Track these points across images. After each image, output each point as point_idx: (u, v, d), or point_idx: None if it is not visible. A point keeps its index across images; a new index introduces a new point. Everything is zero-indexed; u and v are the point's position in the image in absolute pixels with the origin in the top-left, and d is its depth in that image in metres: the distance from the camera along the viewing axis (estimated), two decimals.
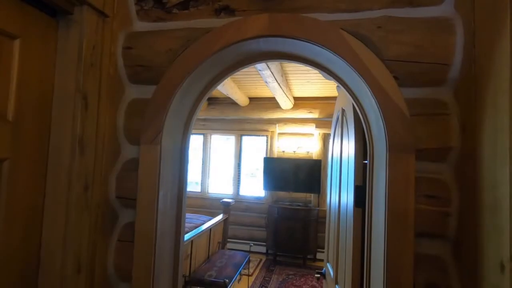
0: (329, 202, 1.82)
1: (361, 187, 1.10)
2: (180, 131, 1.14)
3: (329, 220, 1.77)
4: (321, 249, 4.40)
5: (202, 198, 5.00)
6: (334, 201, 1.58)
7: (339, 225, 1.40)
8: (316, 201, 4.48)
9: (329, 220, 1.78)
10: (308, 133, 4.63)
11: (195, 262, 2.84)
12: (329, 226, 1.77)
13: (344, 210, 1.28)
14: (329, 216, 1.78)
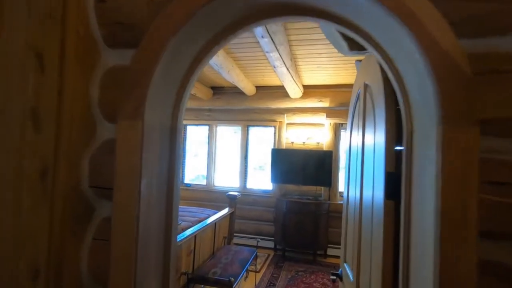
0: (346, 195, 1.60)
1: (393, 174, 0.88)
2: (169, 104, 0.93)
3: (347, 216, 1.56)
4: (332, 245, 4.19)
5: (207, 191, 4.84)
6: (354, 194, 1.37)
7: (361, 221, 1.19)
8: (326, 195, 4.26)
9: (346, 215, 1.57)
10: (318, 123, 4.39)
11: (199, 258, 2.67)
12: (347, 222, 1.56)
13: (368, 203, 1.07)
14: (346, 211, 1.57)
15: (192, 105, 4.96)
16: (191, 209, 3.48)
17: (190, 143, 5.23)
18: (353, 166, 1.43)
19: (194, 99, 4.88)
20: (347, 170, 1.57)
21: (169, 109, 0.93)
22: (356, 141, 1.38)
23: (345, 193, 1.62)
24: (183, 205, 4.85)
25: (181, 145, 1.01)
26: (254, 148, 4.95)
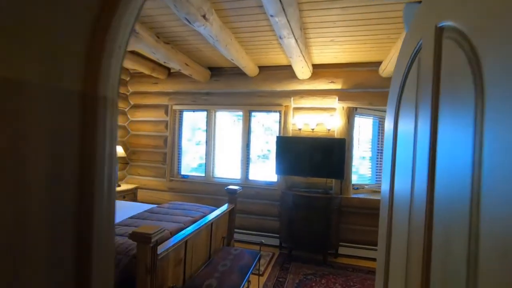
0: (387, 193, 1.13)
1: None
2: (70, 57, 0.46)
3: (388, 223, 1.09)
4: (345, 243, 3.78)
5: (206, 183, 4.43)
6: (402, 191, 0.90)
7: (430, 236, 0.72)
8: (338, 188, 3.81)
9: (388, 222, 1.11)
10: (329, 108, 3.89)
11: (192, 266, 2.26)
12: (388, 232, 1.10)
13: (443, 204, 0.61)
14: (389, 215, 1.10)
15: (188, 88, 4.48)
16: (185, 206, 3.07)
17: (188, 130, 4.78)
18: (402, 154, 0.96)
19: (190, 81, 4.39)
20: (389, 160, 1.10)
21: (69, 65, 0.46)
22: (406, 122, 0.92)
23: (386, 190, 1.15)
24: (179, 199, 4.45)
25: (115, 122, 0.55)
26: (257, 136, 4.49)
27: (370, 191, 4.10)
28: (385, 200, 1.13)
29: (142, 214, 2.69)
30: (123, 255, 1.80)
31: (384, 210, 1.15)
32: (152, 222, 2.44)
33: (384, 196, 1.14)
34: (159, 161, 4.66)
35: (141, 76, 4.66)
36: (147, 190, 4.70)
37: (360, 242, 3.76)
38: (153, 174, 4.68)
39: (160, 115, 4.64)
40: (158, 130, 4.66)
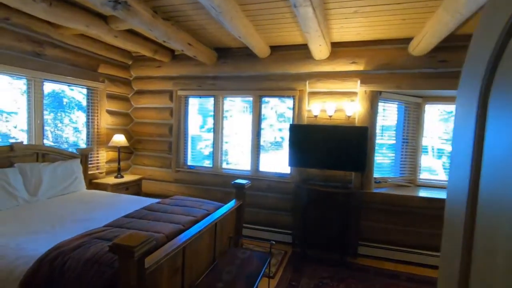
0: (463, 190, 0.76)
1: None
2: None
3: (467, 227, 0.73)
4: (365, 242, 3.43)
5: (214, 175, 4.13)
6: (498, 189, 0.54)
7: None
8: (358, 182, 3.42)
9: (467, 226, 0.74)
10: (349, 92, 3.46)
11: (192, 274, 1.98)
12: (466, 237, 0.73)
13: None
14: (468, 217, 0.73)
15: (194, 72, 4.12)
16: (187, 202, 2.78)
17: (199, 116, 4.46)
18: None
19: (196, 64, 4.03)
20: (467, 150, 0.72)
21: None
22: None
23: (459, 187, 0.78)
24: (185, 191, 4.19)
25: None
26: (269, 123, 4.13)
27: (394, 185, 3.69)
28: (456, 198, 0.74)
29: (139, 212, 2.42)
30: (107, 266, 1.52)
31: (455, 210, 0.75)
32: (147, 222, 2.16)
33: (455, 193, 0.75)
34: (164, 151, 4.39)
35: (144, 60, 4.33)
36: (153, 181, 4.46)
37: (382, 242, 3.40)
38: (159, 165, 4.43)
39: (165, 101, 4.33)
40: (163, 117, 4.37)
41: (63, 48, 3.41)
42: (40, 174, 2.90)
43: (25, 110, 3.13)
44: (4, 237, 1.98)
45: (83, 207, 2.69)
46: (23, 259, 1.71)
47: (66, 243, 1.75)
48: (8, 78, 3.02)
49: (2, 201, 2.54)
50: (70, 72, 3.52)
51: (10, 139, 3.10)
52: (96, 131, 3.96)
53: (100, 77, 3.96)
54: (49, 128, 3.67)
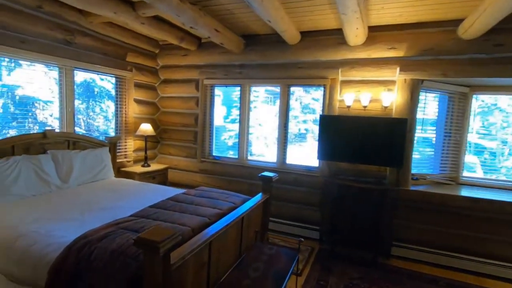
0: None
1: None
2: None
3: None
4: (399, 243, 3.20)
5: (239, 166, 4.05)
6: None
7: None
8: (394, 178, 3.18)
9: None
10: (387, 80, 3.18)
11: (217, 269, 1.90)
12: None
13: None
14: None
15: (220, 61, 4.01)
16: (213, 193, 2.71)
17: (223, 106, 4.38)
18: None
19: (222, 52, 3.92)
20: None
21: None
22: None
23: None
24: (210, 182, 4.15)
25: None
26: (297, 114, 3.95)
27: (433, 182, 3.40)
28: None
29: (165, 202, 2.38)
30: (132, 259, 1.47)
31: None
32: (173, 214, 2.10)
33: None
34: (190, 141, 4.36)
35: (171, 48, 4.28)
36: (178, 171, 4.47)
37: (417, 243, 3.16)
38: (184, 154, 4.41)
39: (191, 90, 4.28)
40: (188, 107, 4.32)
41: (92, 37, 3.42)
42: (71, 161, 2.96)
43: (57, 98, 3.19)
44: (37, 223, 2.01)
45: (111, 195, 2.71)
46: (53, 246, 1.71)
47: (93, 232, 1.73)
48: (43, 67, 3.08)
49: (36, 187, 2.61)
50: (100, 61, 3.54)
51: (47, 127, 3.18)
52: (124, 119, 4.00)
53: (128, 66, 3.97)
54: (82, 117, 3.76)
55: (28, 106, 3.12)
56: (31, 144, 2.75)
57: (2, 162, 2.42)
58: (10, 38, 2.66)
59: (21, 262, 1.73)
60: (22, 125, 3.05)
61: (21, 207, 2.27)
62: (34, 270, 1.67)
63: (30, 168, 2.59)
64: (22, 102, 3.05)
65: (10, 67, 2.95)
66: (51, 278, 1.54)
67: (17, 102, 3.03)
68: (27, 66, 2.94)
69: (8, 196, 2.39)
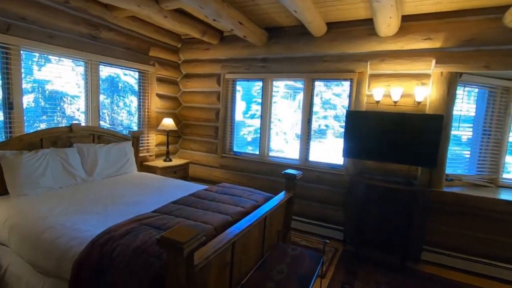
0: None
1: None
2: None
3: None
4: (430, 248, 3.01)
5: (260, 162, 3.97)
6: None
7: None
8: (426, 178, 2.98)
9: None
10: (420, 74, 2.97)
11: (240, 269, 1.84)
12: None
13: None
14: None
15: (242, 54, 3.93)
16: (235, 190, 2.65)
17: (243, 101, 4.31)
18: None
19: (245, 45, 3.82)
20: None
21: None
22: None
23: None
24: (230, 178, 4.11)
25: None
26: (321, 110, 3.81)
27: (469, 184, 3.15)
28: None
29: (187, 198, 2.34)
30: (155, 257, 1.43)
31: None
32: (195, 211, 2.06)
33: None
34: (211, 136, 4.33)
35: (193, 42, 4.24)
36: (199, 166, 4.46)
37: (450, 248, 2.95)
38: (205, 149, 4.39)
39: (212, 85, 4.23)
40: (210, 102, 4.29)
41: (117, 31, 3.44)
42: (96, 154, 3.00)
43: (79, 91, 3.24)
44: (64, 215, 2.03)
45: (133, 190, 2.72)
46: (77, 240, 1.72)
47: (116, 228, 1.71)
48: (71, 63, 3.13)
49: (63, 179, 2.66)
50: (123, 55, 3.56)
51: (74, 121, 3.24)
52: (146, 114, 4.02)
53: (151, 61, 3.97)
54: (106, 111, 3.83)
55: (57, 101, 3.20)
56: (58, 137, 2.81)
57: (31, 155, 2.48)
58: (39, 33, 2.71)
59: (47, 254, 1.75)
60: (52, 119, 3.13)
61: (49, 199, 2.32)
62: (58, 263, 1.68)
63: (57, 161, 2.64)
64: (52, 97, 3.13)
65: (40, 63, 3.02)
66: (75, 273, 1.54)
67: (47, 96, 3.12)
68: (56, 62, 3.01)
69: (37, 189, 2.45)
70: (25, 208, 2.14)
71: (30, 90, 3.04)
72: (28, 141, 2.56)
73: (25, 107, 3.07)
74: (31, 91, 3.04)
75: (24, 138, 2.54)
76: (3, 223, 2.02)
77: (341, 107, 4.78)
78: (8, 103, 2.58)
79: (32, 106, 3.12)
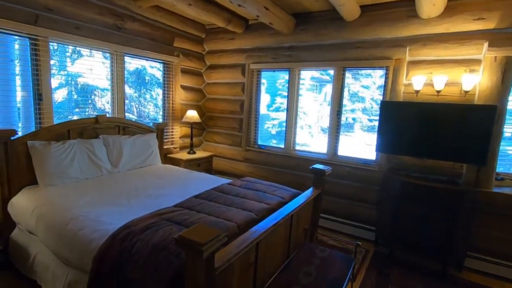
0: None
1: None
2: None
3: None
4: (476, 254, 2.71)
5: (286, 156, 3.80)
6: None
7: None
8: (472, 176, 2.66)
9: None
10: (469, 59, 2.64)
11: (264, 269, 1.72)
12: None
13: None
14: None
15: (268, 43, 3.75)
16: (259, 185, 2.52)
17: (268, 94, 4.15)
18: None
19: (271, 33, 3.64)
20: None
21: None
22: None
23: None
24: (255, 172, 3.99)
25: None
26: (352, 100, 3.56)
27: None
28: None
29: (210, 193, 2.25)
30: (174, 256, 1.35)
31: None
32: (218, 207, 1.96)
33: None
34: (235, 128, 4.23)
35: (217, 32, 4.13)
36: (223, 159, 4.39)
37: (499, 256, 2.64)
38: (229, 142, 4.30)
39: (237, 76, 4.11)
40: (234, 93, 4.17)
41: (141, 22, 3.40)
42: (121, 146, 3.00)
43: (108, 84, 3.25)
44: (88, 206, 2.02)
45: (157, 182, 2.68)
46: (99, 232, 1.68)
47: (136, 222, 1.65)
48: (101, 56, 3.16)
49: (89, 170, 2.68)
50: (148, 46, 3.53)
51: (103, 113, 3.28)
52: (171, 106, 3.99)
53: (175, 51, 3.91)
54: (134, 104, 3.86)
55: (88, 94, 3.25)
56: (85, 128, 2.83)
57: (59, 146, 2.51)
58: (65, 24, 2.72)
59: (71, 245, 1.73)
60: (83, 111, 3.18)
61: (76, 189, 2.33)
62: (81, 255, 1.65)
63: (84, 151, 2.66)
64: (83, 90, 3.19)
65: (73, 58, 3.08)
66: (95, 266, 1.50)
67: (79, 89, 3.18)
68: (88, 55, 3.05)
69: (65, 179, 2.48)
70: (52, 198, 2.16)
71: (64, 84, 3.11)
72: (56, 132, 2.60)
73: (60, 101, 3.15)
74: (65, 84, 3.11)
75: (52, 129, 2.57)
76: (31, 212, 2.05)
77: (370, 99, 4.49)
78: (38, 95, 2.62)
79: (66, 99, 3.19)
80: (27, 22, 2.44)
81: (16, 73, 2.57)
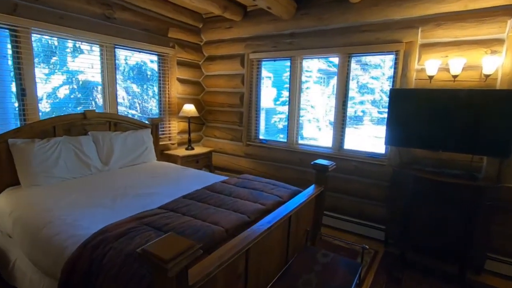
0: None
1: None
2: None
3: None
4: (496, 256, 2.45)
5: (288, 151, 3.59)
6: None
7: None
8: (493, 171, 2.40)
9: None
10: (489, 39, 2.35)
11: (258, 279, 1.52)
12: None
13: None
14: None
15: (268, 30, 3.51)
16: (256, 183, 2.31)
17: (272, 87, 3.93)
18: None
19: (270, 20, 3.40)
20: None
21: None
22: None
23: None
24: (256, 168, 3.79)
25: None
26: (359, 90, 3.31)
27: None
28: None
29: (200, 192, 2.06)
30: (147, 269, 1.16)
31: None
32: (206, 208, 1.77)
33: None
34: (235, 122, 4.02)
35: (215, 21, 3.91)
36: (223, 155, 4.20)
37: None
38: (230, 137, 4.11)
39: (236, 67, 3.89)
40: (233, 85, 3.96)
41: (132, 11, 3.21)
42: (111, 143, 2.84)
43: (99, 77, 3.09)
44: (68, 208, 1.87)
45: (148, 181, 2.51)
46: (74, 238, 1.51)
47: (113, 227, 1.48)
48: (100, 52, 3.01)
49: (77, 169, 2.52)
50: (141, 37, 3.34)
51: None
52: (167, 100, 3.81)
53: (170, 42, 3.72)
54: (137, 100, 3.71)
55: (89, 90, 3.11)
56: (72, 124, 2.67)
57: (43, 144, 2.36)
58: (49, 14, 2.55)
59: (45, 252, 1.58)
60: (86, 108, 3.03)
61: (60, 190, 2.18)
62: (54, 262, 1.49)
63: (71, 149, 2.51)
64: (84, 87, 3.06)
65: (74, 55, 2.94)
66: (64, 277, 1.33)
67: (80, 86, 3.04)
68: (88, 52, 2.92)
69: (50, 178, 2.33)
70: (32, 199, 2.01)
71: (66, 81, 2.97)
72: (40, 128, 2.45)
73: (62, 98, 3.02)
74: (66, 81, 2.97)
75: (35, 126, 2.42)
76: (8, 215, 1.90)
77: (379, 91, 4.23)
78: (20, 89, 2.47)
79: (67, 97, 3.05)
80: (5, 12, 2.28)
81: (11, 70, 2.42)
